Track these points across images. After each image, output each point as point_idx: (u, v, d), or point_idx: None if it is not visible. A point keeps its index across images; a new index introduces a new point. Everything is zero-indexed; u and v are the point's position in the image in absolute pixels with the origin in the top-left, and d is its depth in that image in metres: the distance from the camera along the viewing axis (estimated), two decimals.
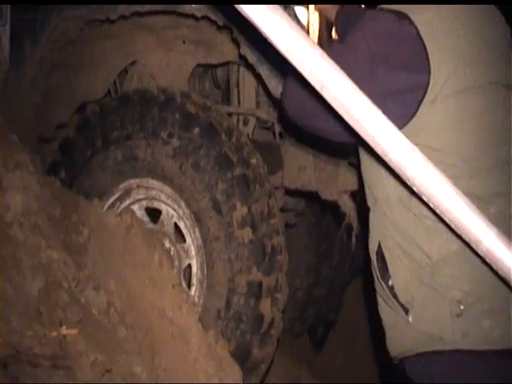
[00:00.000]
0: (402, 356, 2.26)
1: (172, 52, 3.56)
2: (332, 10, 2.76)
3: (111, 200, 3.25)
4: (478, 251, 1.76)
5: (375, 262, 2.29)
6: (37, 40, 3.47)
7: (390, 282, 2.21)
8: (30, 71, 3.55)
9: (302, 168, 3.51)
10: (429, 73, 2.00)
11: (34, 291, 2.17)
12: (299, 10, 2.93)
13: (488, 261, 1.77)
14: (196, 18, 3.11)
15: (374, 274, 2.32)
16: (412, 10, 2.07)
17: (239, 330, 2.93)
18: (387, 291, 2.23)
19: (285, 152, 3.55)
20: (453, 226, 1.77)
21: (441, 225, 1.99)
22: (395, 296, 2.20)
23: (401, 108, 2.05)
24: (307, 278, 5.00)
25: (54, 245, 2.37)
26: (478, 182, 2.05)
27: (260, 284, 2.93)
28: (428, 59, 2.00)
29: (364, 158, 2.34)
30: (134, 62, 3.68)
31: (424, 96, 2.02)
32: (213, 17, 3.02)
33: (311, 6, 2.99)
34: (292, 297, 4.75)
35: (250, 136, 3.63)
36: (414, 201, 2.07)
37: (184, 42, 3.48)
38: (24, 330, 2.01)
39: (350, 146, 2.53)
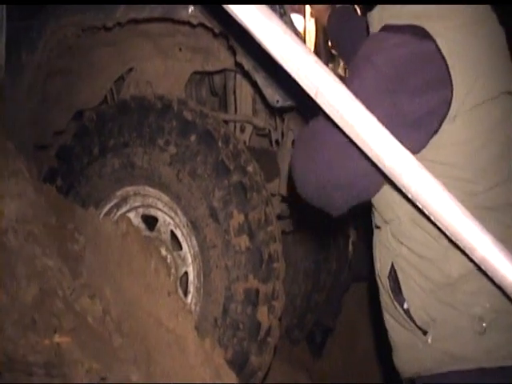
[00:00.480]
0: (417, 375, 2.21)
1: (169, 59, 3.55)
2: (325, 15, 2.75)
3: (108, 207, 3.25)
4: (474, 259, 1.75)
5: (387, 284, 2.22)
6: (33, 47, 3.47)
7: (406, 305, 2.15)
8: (26, 78, 3.55)
9: None
10: (451, 88, 1.92)
11: (29, 299, 2.16)
12: (295, 17, 2.93)
13: (483, 268, 1.76)
14: (192, 26, 3.11)
15: (386, 296, 2.27)
16: (422, 21, 1.97)
17: (236, 338, 2.93)
18: (402, 314, 2.17)
19: (281, 159, 3.54)
20: (448, 233, 1.76)
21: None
22: (411, 318, 2.14)
23: (425, 131, 1.98)
24: (305, 285, 4.99)
25: (49, 253, 2.36)
26: (494, 194, 2.01)
27: (257, 292, 2.93)
28: (449, 74, 1.91)
29: None
30: (130, 70, 3.68)
31: (447, 112, 1.94)
32: (209, 24, 3.02)
33: (307, 14, 3.00)
34: (290, 304, 4.76)
35: (247, 143, 3.62)
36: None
37: (181, 50, 3.48)
38: (18, 338, 2.01)
39: None
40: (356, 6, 3.17)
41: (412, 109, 1.93)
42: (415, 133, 1.94)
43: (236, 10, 1.65)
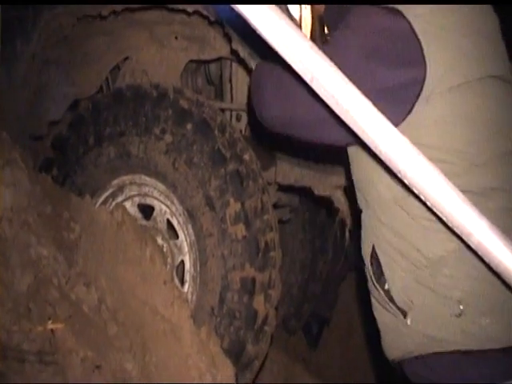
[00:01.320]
0: (400, 359, 2.24)
1: (165, 48, 3.53)
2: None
3: (104, 197, 3.24)
4: (470, 244, 1.75)
5: (369, 265, 2.26)
6: (28, 37, 3.46)
7: (386, 286, 2.18)
8: (21, 68, 3.54)
9: (295, 163, 3.50)
10: (424, 68, 1.94)
11: (23, 287, 2.16)
12: (291, 4, 2.92)
13: (480, 254, 1.76)
14: (188, 14, 3.10)
15: (369, 278, 2.29)
16: (404, 7, 2.01)
17: (233, 327, 2.92)
18: (383, 295, 2.20)
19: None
20: (444, 219, 1.75)
21: (437, 224, 1.97)
22: (392, 299, 2.17)
23: (396, 105, 1.99)
24: (302, 274, 4.99)
25: (45, 242, 2.36)
26: (475, 177, 2.01)
27: (253, 280, 2.92)
28: (423, 54, 1.94)
29: (354, 159, 2.31)
30: (126, 59, 3.66)
31: (420, 92, 1.96)
32: (204, 12, 3.01)
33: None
34: (287, 293, 4.75)
35: (243, 132, 3.62)
36: (409, 201, 2.03)
37: (176, 38, 3.46)
38: (12, 326, 2.00)
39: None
40: None
41: (386, 79, 1.98)
42: (389, 105, 1.93)
43: None
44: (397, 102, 1.99)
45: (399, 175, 1.75)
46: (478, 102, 2.02)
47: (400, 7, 2.00)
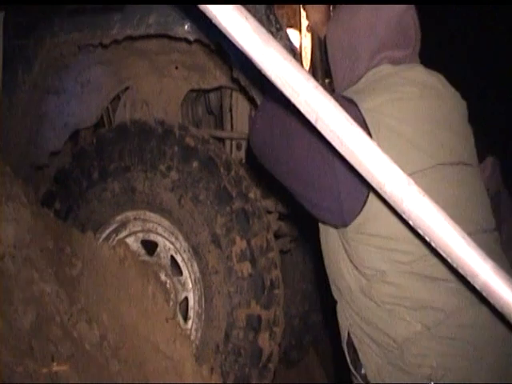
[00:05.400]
0: None
1: (165, 78, 3.56)
2: (322, 28, 2.74)
3: (107, 232, 3.23)
4: (475, 285, 1.73)
5: (346, 351, 2.32)
6: (30, 65, 3.47)
7: (363, 371, 2.23)
8: (22, 97, 3.54)
9: None
10: None
11: (26, 325, 2.15)
12: (292, 32, 2.93)
13: (485, 295, 1.74)
14: (189, 42, 3.12)
15: (347, 362, 2.34)
16: (361, 99, 2.08)
17: (238, 364, 2.91)
18: (360, 380, 2.25)
19: None
20: (449, 259, 1.74)
21: (401, 308, 2.06)
22: (368, 383, 2.21)
23: (354, 195, 2.05)
24: (303, 305, 4.97)
25: (47, 277, 2.36)
26: (435, 261, 2.02)
27: (259, 318, 2.92)
28: None
29: (325, 251, 2.39)
30: (126, 88, 3.69)
31: None
32: (205, 40, 3.03)
33: (303, 29, 2.99)
34: (288, 324, 4.71)
35: (243, 160, 3.62)
36: (374, 289, 2.12)
37: (177, 68, 3.49)
38: (15, 365, 1.99)
39: None
40: None
41: (340, 165, 1.98)
42: (347, 191, 2.04)
43: (235, 34, 1.64)
44: (354, 193, 2.05)
45: (404, 216, 1.75)
46: (432, 190, 1.99)
47: (356, 100, 2.06)
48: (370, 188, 1.97)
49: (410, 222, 1.75)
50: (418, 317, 2.04)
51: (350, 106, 2.03)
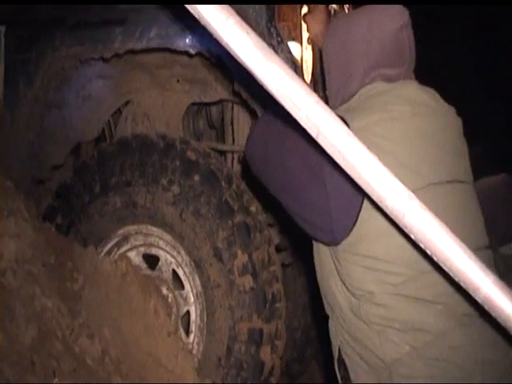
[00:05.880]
0: None
1: (166, 91, 3.56)
2: (322, 39, 2.75)
3: (109, 246, 3.22)
4: (477, 298, 1.73)
5: (337, 369, 2.31)
6: (31, 79, 3.46)
7: None
8: (24, 111, 3.53)
9: None
10: None
11: (28, 340, 2.15)
12: (293, 45, 2.93)
13: (486, 308, 1.74)
14: (190, 56, 3.12)
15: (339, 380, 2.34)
16: (351, 118, 2.06)
17: (240, 378, 2.91)
18: None
19: None
20: (451, 273, 1.74)
21: (390, 330, 2.05)
22: None
23: (345, 213, 2.04)
24: (304, 318, 4.95)
25: (49, 292, 2.35)
26: (424, 283, 2.03)
27: (261, 331, 2.92)
28: None
29: (318, 267, 2.38)
30: (128, 102, 3.69)
31: (362, 202, 1.99)
32: (206, 54, 3.04)
33: (304, 41, 2.99)
34: (290, 338, 4.69)
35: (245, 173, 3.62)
36: (363, 309, 2.10)
37: (178, 81, 3.49)
38: (17, 381, 1.98)
39: None
40: None
41: (331, 181, 2.01)
42: (337, 208, 2.04)
43: (236, 49, 1.64)
44: (344, 210, 2.04)
45: (405, 230, 1.74)
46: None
47: (347, 118, 2.02)
48: (361, 207, 2.00)
49: (412, 236, 1.75)
50: (406, 338, 2.03)
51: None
